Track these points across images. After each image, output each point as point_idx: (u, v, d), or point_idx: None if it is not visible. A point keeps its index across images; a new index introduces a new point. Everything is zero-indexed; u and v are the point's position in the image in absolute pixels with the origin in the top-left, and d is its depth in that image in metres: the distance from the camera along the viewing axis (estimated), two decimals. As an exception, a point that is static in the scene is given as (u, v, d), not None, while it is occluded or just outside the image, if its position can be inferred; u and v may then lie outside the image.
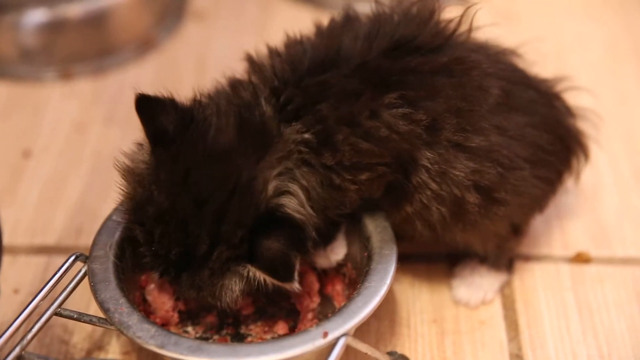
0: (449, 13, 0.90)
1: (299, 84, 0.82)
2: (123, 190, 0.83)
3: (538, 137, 0.89)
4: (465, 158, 0.84)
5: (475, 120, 0.84)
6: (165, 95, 0.82)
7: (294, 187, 0.80)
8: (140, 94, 0.80)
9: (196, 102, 0.83)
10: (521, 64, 0.94)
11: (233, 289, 0.80)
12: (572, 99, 0.97)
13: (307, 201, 0.80)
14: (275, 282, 0.78)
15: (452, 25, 0.89)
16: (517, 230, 0.95)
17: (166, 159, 0.80)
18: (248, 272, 0.79)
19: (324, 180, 0.81)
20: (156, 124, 0.80)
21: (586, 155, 0.97)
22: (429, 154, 0.83)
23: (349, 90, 0.81)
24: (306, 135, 0.80)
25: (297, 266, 0.78)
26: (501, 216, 0.88)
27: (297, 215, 0.80)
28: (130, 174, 0.82)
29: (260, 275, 0.79)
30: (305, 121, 0.81)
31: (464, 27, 0.90)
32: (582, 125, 0.97)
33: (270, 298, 0.90)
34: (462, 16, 0.89)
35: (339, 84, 0.82)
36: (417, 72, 0.84)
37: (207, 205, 0.78)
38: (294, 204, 0.80)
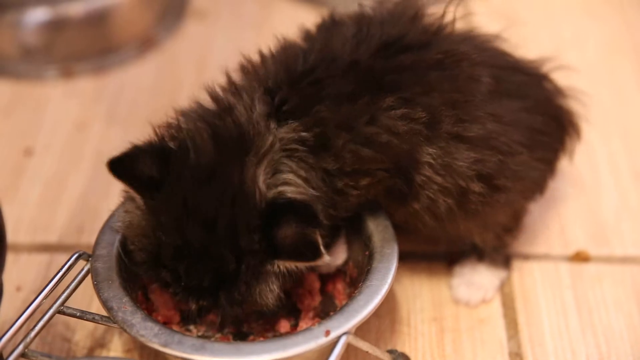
0: (434, 10, 0.91)
1: (294, 85, 0.83)
2: (130, 243, 0.83)
3: (532, 120, 0.90)
4: (466, 148, 0.84)
5: (471, 110, 0.85)
6: (131, 145, 0.82)
7: (289, 176, 0.80)
8: (110, 160, 0.80)
9: (167, 132, 0.82)
10: (506, 47, 0.95)
11: (272, 288, 0.80)
12: (561, 79, 0.97)
13: (307, 183, 0.80)
14: (306, 264, 0.79)
15: (438, 21, 0.90)
16: (517, 217, 0.96)
17: (160, 201, 0.80)
18: (278, 267, 0.79)
19: (327, 183, 0.81)
20: (139, 176, 0.80)
21: (578, 133, 0.98)
22: (430, 150, 0.83)
23: (344, 93, 0.82)
24: (303, 134, 0.81)
25: (320, 240, 0.77)
26: (502, 203, 0.89)
27: (299, 196, 0.79)
28: (129, 228, 0.83)
29: (291, 265, 0.79)
30: (303, 122, 0.81)
31: (448, 21, 0.91)
32: (572, 104, 0.97)
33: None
34: (445, 10, 0.90)
35: (333, 85, 0.82)
36: (409, 70, 0.84)
37: (216, 224, 0.78)
38: (292, 188, 0.80)
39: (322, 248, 0.77)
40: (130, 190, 0.82)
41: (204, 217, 0.78)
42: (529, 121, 0.89)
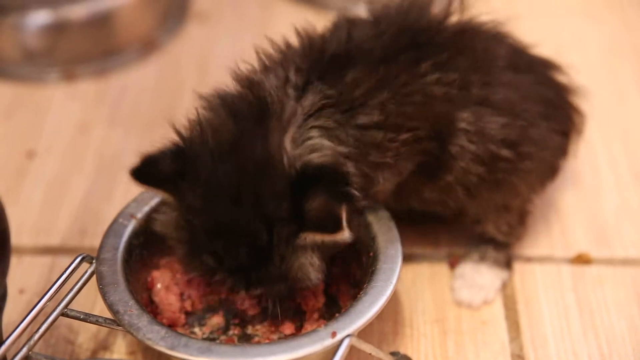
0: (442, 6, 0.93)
1: (325, 64, 0.83)
2: (169, 240, 0.83)
3: (546, 93, 0.93)
4: (493, 114, 0.87)
5: (494, 73, 0.88)
6: (148, 150, 0.81)
7: (319, 140, 0.79)
8: (131, 171, 0.80)
9: (186, 124, 0.82)
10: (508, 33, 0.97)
11: (312, 263, 0.80)
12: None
13: (338, 142, 0.80)
14: (327, 237, 0.77)
15: (450, 19, 0.92)
16: (528, 205, 0.98)
17: (186, 189, 0.79)
18: (308, 239, 0.78)
19: (363, 138, 0.81)
20: (164, 177, 0.80)
21: (581, 116, 0.99)
22: (465, 114, 0.86)
23: (377, 58, 0.84)
24: (329, 92, 0.81)
25: (344, 214, 0.76)
26: (527, 172, 0.91)
27: (330, 160, 0.79)
28: (165, 226, 0.82)
29: (317, 237, 0.78)
30: (334, 85, 0.81)
31: (457, 14, 0.93)
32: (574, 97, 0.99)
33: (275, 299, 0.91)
34: (450, 4, 0.92)
35: (365, 57, 0.84)
36: (432, 44, 0.87)
37: (243, 198, 0.77)
38: (323, 153, 0.79)
39: (343, 223, 0.76)
40: (161, 192, 0.82)
41: (229, 192, 0.77)
42: (543, 94, 0.92)
